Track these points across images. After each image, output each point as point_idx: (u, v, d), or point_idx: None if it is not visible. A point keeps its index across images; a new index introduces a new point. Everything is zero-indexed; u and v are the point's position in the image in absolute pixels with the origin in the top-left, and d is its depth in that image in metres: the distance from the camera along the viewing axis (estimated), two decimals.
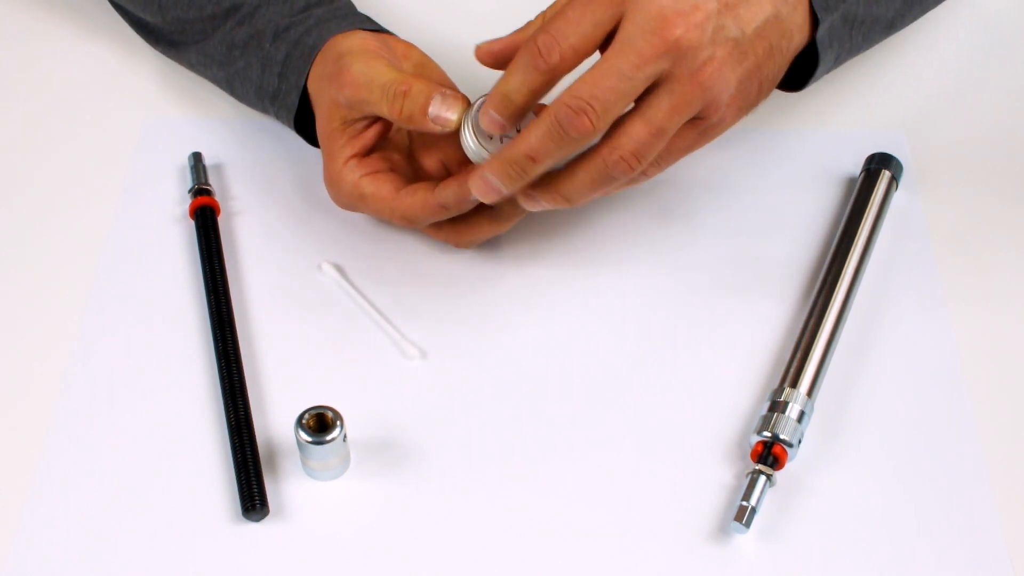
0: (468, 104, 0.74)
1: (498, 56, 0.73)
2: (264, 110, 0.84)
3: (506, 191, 0.71)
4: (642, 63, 0.67)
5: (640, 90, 0.68)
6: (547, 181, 0.72)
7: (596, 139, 0.70)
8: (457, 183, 0.74)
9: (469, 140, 0.73)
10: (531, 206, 0.74)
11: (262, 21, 0.81)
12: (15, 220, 0.84)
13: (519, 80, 0.69)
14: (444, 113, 0.73)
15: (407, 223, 0.78)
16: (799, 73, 0.77)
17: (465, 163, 0.75)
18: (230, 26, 0.82)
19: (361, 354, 0.77)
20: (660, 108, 0.68)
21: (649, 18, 0.67)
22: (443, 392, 0.76)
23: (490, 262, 0.82)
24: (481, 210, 0.77)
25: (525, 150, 0.69)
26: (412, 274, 0.81)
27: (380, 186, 0.77)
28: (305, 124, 0.82)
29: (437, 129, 0.74)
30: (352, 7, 0.83)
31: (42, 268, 0.81)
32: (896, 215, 0.83)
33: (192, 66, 0.87)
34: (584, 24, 0.68)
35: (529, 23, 0.74)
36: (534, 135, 0.69)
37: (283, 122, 0.83)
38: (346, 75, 0.75)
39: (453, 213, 0.76)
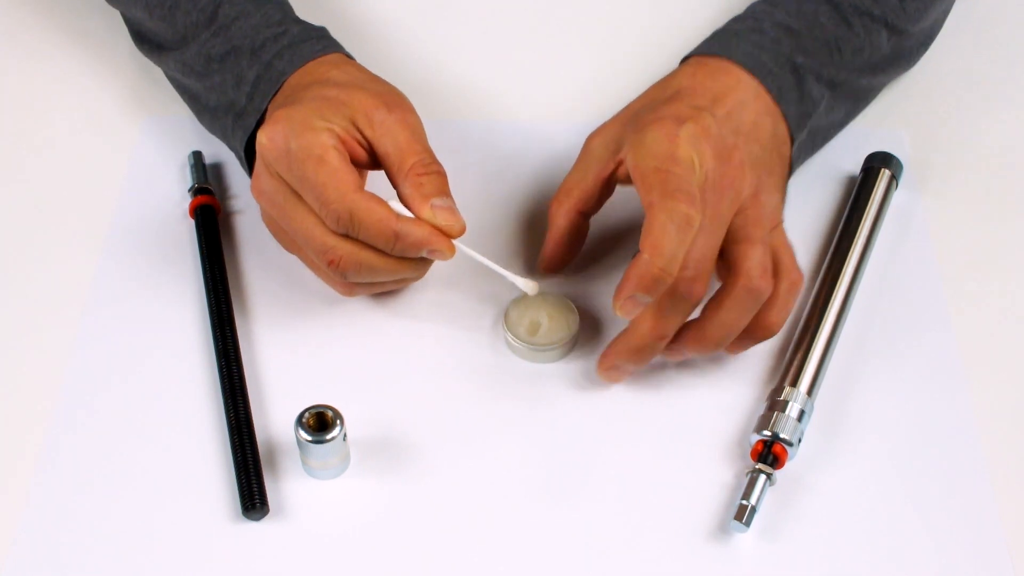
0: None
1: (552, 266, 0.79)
2: (223, 127, 0.81)
3: (637, 369, 0.74)
4: (726, 216, 0.71)
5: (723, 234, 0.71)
6: (692, 334, 0.72)
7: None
8: (429, 230, 0.72)
9: (512, 342, 0.76)
10: (677, 358, 0.75)
11: (238, 36, 0.79)
12: (15, 220, 0.84)
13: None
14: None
15: (343, 225, 0.71)
16: None
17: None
18: (206, 36, 0.80)
19: (361, 354, 0.77)
20: (758, 230, 0.72)
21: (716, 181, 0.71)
22: (443, 391, 0.76)
23: (489, 250, 0.81)
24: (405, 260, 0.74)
25: (653, 333, 0.71)
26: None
27: (347, 169, 0.72)
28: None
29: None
30: (324, 30, 0.81)
31: (42, 267, 0.81)
32: (896, 214, 0.83)
33: (168, 69, 0.86)
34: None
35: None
36: (657, 317, 0.71)
37: (234, 143, 0.80)
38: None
39: (399, 249, 0.72)
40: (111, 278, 0.81)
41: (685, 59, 0.80)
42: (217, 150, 0.86)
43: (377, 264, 0.73)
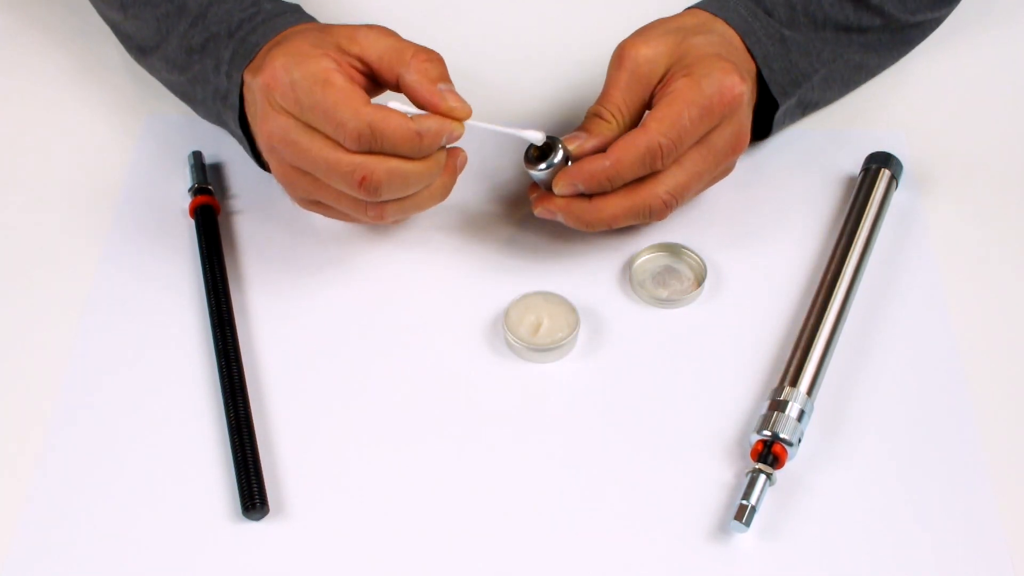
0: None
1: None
2: (219, 114, 0.81)
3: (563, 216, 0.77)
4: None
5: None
6: (574, 207, 0.76)
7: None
8: (442, 117, 0.72)
9: (512, 342, 0.77)
10: (545, 216, 0.78)
11: (215, 23, 0.79)
12: (16, 219, 0.84)
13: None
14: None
15: (364, 142, 0.70)
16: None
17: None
18: (183, 28, 0.80)
19: (362, 353, 0.77)
20: (705, 161, 0.76)
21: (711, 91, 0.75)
22: (443, 390, 0.76)
23: (488, 250, 0.82)
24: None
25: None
26: (412, 272, 0.81)
27: (353, 87, 0.71)
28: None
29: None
30: (298, 6, 0.81)
31: (43, 267, 0.81)
32: (896, 215, 0.83)
33: (157, 72, 0.86)
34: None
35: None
36: (616, 203, 0.76)
37: (232, 128, 0.80)
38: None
39: (425, 147, 0.71)
40: (111, 278, 0.81)
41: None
42: (217, 150, 0.87)
43: (407, 169, 0.72)
